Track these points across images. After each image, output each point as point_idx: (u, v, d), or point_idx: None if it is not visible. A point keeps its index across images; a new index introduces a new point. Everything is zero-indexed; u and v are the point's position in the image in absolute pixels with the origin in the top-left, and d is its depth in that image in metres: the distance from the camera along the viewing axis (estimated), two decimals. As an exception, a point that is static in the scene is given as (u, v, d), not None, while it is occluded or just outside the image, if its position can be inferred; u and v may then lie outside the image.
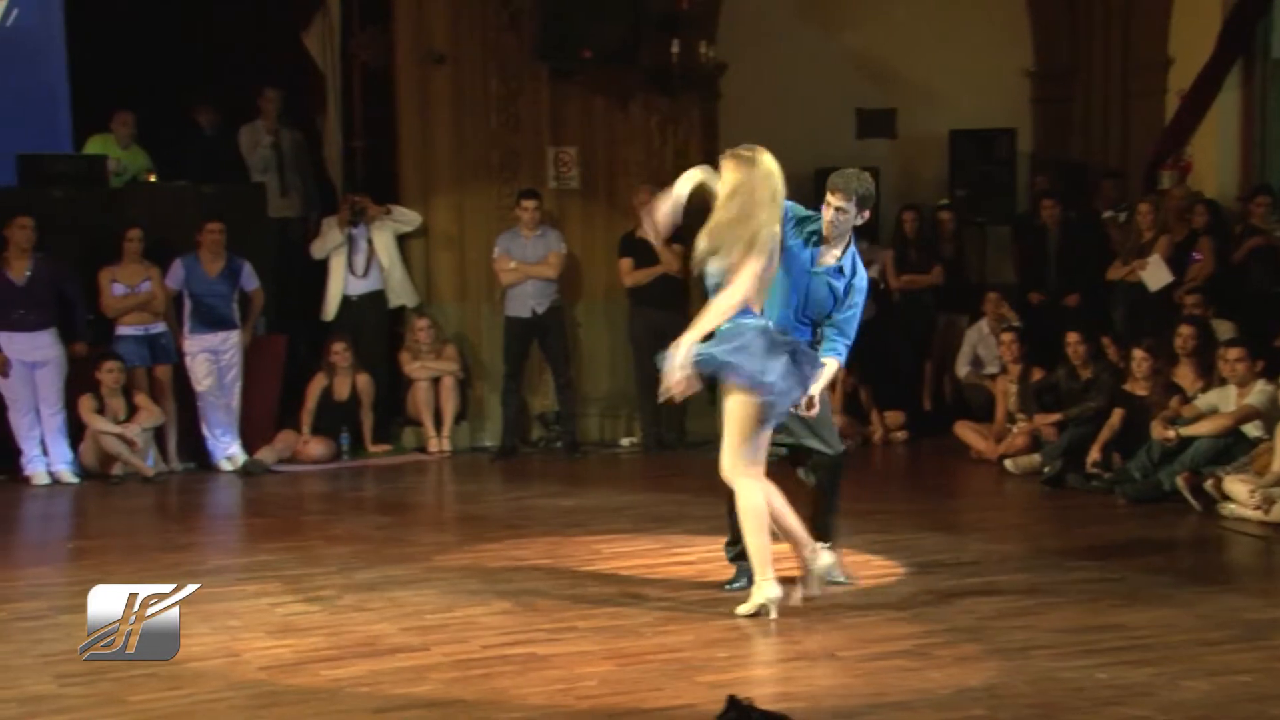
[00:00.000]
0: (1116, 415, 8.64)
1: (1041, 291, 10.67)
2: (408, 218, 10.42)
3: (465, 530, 7.76)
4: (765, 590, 5.51)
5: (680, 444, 10.27)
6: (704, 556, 6.67)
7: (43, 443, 9.20)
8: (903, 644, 5.23)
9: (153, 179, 10.38)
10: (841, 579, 5.93)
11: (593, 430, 10.67)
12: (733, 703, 3.67)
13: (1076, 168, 11.74)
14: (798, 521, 5.59)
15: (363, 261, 10.25)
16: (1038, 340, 9.77)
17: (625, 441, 10.65)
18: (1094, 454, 8.57)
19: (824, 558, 5.69)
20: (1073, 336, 9.18)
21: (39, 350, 9.20)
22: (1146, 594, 5.95)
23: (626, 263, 10.22)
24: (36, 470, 9.13)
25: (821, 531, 5.92)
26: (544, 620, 5.61)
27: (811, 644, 5.27)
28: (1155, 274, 9.81)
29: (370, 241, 10.25)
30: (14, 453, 9.21)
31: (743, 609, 5.56)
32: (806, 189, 11.04)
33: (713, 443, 6.10)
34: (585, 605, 5.84)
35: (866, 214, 5.80)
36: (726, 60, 10.80)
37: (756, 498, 5.46)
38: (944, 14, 11.69)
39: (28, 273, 9.20)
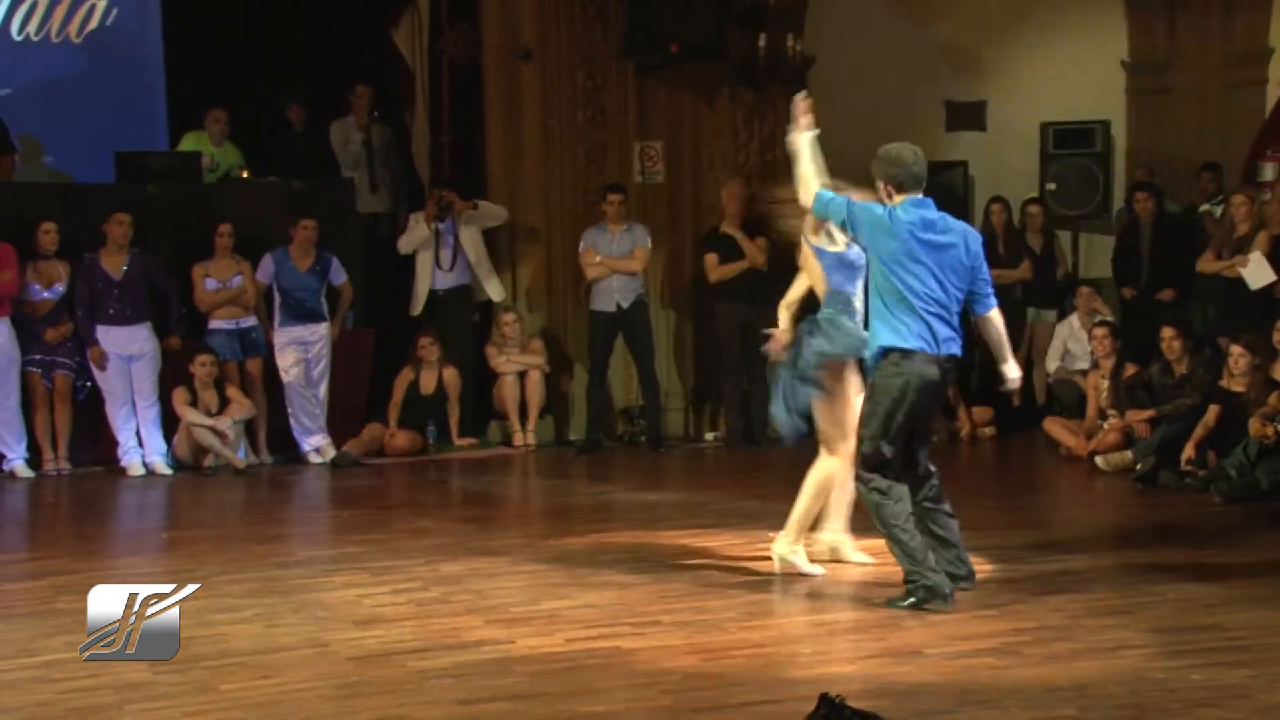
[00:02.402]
0: (1212, 412, 8.46)
1: (1134, 286, 10.48)
2: (494, 213, 10.48)
3: (550, 524, 7.78)
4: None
5: (764, 440, 10.23)
6: (789, 552, 6.64)
7: (138, 435, 9.39)
8: (991, 642, 5.16)
9: (245, 175, 10.53)
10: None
11: (677, 425, 10.67)
12: (824, 700, 3.65)
13: (1174, 160, 11.52)
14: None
15: (449, 256, 10.32)
16: (1131, 335, 9.60)
17: (709, 436, 10.64)
18: (1189, 451, 8.41)
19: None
20: (1167, 331, 9.01)
21: (135, 344, 9.38)
22: (1243, 594, 5.82)
23: (712, 258, 10.20)
24: (132, 461, 9.32)
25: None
26: (628, 614, 5.62)
27: (898, 641, 5.23)
28: (1257, 272, 9.53)
29: (457, 236, 10.33)
30: (111, 444, 9.42)
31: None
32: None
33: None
34: (669, 600, 5.84)
35: None
36: (814, 53, 10.73)
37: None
38: (1036, 4, 11.52)
39: (124, 268, 9.38)
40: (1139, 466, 8.64)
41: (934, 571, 5.60)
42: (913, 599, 5.58)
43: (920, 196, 5.68)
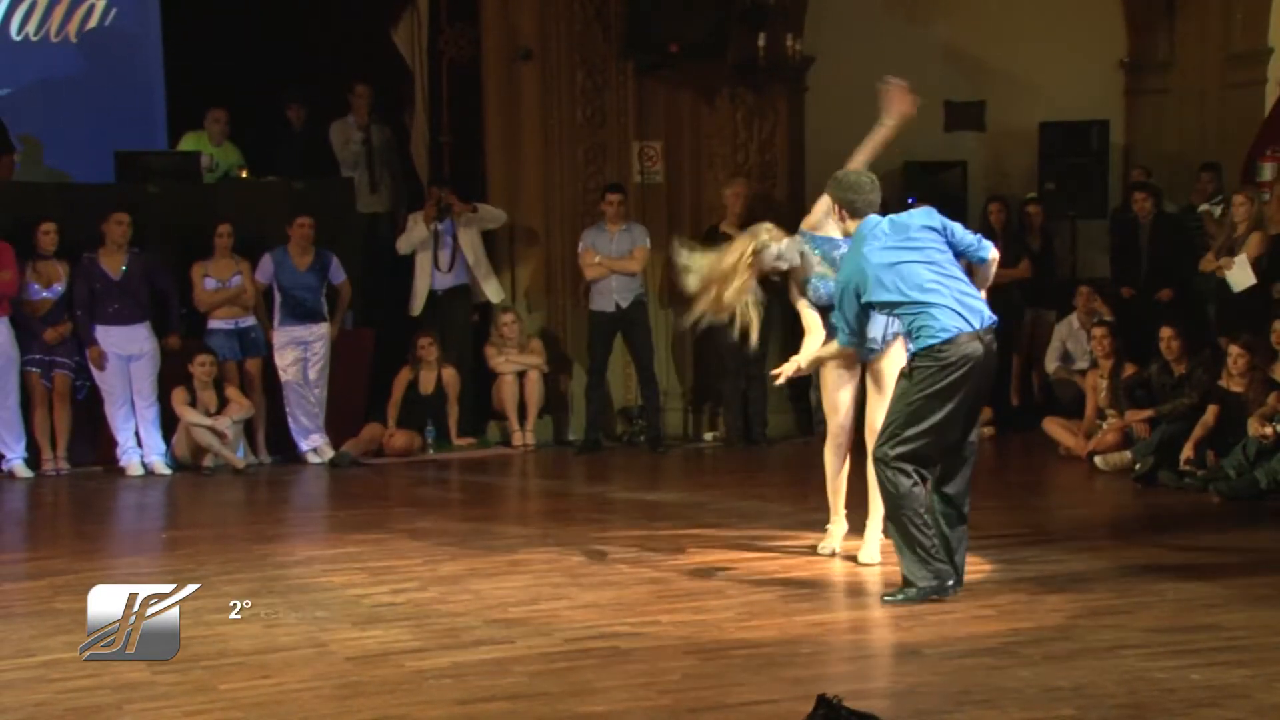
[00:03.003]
0: (1211, 412, 8.46)
1: (1133, 286, 10.48)
2: (493, 215, 10.47)
3: (548, 524, 7.78)
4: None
5: (763, 439, 10.23)
6: (786, 551, 6.65)
7: (137, 434, 9.39)
8: (989, 642, 5.16)
9: (244, 175, 10.54)
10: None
11: (676, 425, 10.67)
12: (823, 700, 3.66)
13: (1173, 160, 11.52)
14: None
15: (448, 257, 10.32)
16: (1130, 335, 9.60)
17: (708, 436, 10.64)
18: (1188, 451, 8.41)
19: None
20: (1166, 331, 9.01)
21: (134, 344, 9.39)
22: (1242, 594, 5.82)
23: (711, 257, 10.18)
24: (131, 461, 9.32)
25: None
26: (627, 614, 5.62)
27: (897, 641, 5.23)
28: (1239, 275, 9.51)
29: (455, 237, 10.33)
30: (110, 444, 9.41)
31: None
32: (894, 182, 11.02)
33: (793, 438, 6.19)
34: (668, 600, 5.84)
35: None
36: (813, 53, 10.73)
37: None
38: (1035, 4, 11.52)
39: (124, 268, 9.39)
40: (1138, 466, 8.64)
41: (941, 563, 5.60)
42: (913, 592, 5.59)
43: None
